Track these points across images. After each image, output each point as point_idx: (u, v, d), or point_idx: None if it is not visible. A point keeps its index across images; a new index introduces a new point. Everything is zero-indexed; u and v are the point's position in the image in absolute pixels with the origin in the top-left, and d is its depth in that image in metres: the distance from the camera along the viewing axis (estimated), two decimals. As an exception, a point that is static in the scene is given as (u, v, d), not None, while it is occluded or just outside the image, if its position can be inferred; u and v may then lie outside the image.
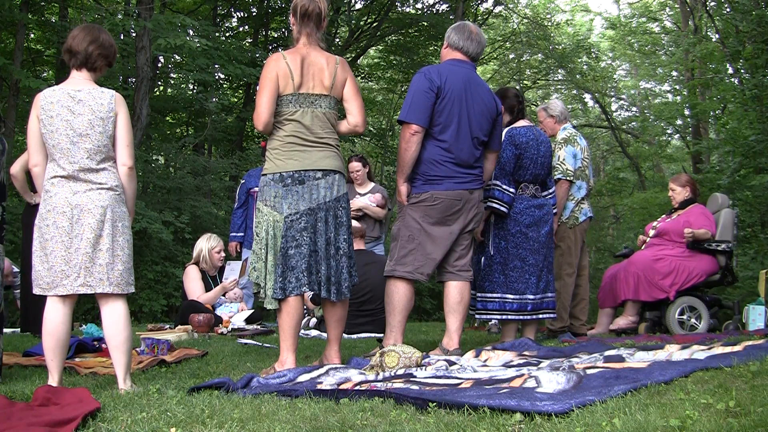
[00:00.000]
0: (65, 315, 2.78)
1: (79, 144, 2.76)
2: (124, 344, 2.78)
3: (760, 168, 9.33)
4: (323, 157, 3.27)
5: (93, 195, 2.76)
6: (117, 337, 2.78)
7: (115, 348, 2.78)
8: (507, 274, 4.14)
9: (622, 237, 17.64)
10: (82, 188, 2.76)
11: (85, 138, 2.77)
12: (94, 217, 2.73)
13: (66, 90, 2.82)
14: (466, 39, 3.80)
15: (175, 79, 14.19)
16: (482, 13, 16.80)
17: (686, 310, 5.15)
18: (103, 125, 2.79)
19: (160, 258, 9.40)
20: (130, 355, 2.83)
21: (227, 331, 5.41)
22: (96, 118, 2.78)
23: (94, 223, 2.73)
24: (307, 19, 3.32)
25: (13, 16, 9.12)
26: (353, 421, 2.11)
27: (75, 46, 2.87)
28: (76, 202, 2.74)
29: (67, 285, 2.73)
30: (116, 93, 2.88)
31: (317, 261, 3.23)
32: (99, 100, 2.81)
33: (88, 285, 2.73)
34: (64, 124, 2.76)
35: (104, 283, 2.74)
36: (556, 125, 5.17)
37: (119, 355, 2.78)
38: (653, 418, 1.94)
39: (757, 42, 9.54)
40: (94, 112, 2.79)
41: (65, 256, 2.73)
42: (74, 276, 2.73)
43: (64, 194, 2.75)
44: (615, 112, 21.69)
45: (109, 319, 2.80)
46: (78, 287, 2.73)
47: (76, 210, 2.73)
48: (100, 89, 2.86)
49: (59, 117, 2.77)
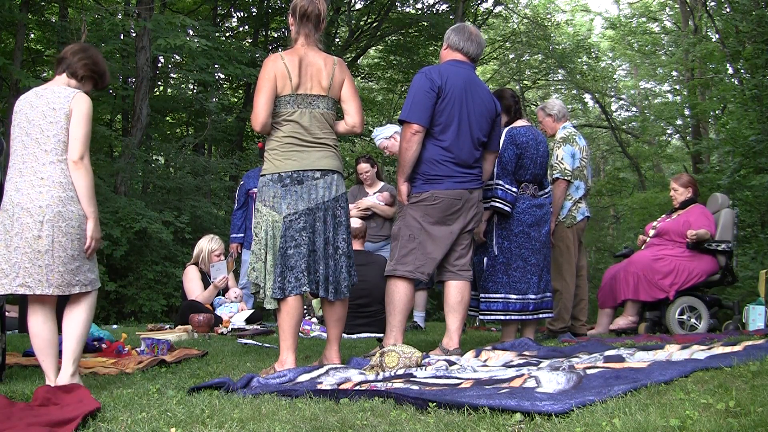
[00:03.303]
0: (45, 315, 2.76)
1: (32, 135, 2.75)
2: (75, 342, 2.77)
3: (760, 168, 9.34)
4: (321, 157, 3.27)
5: (33, 194, 2.70)
6: (68, 336, 2.77)
7: (64, 341, 2.77)
8: (510, 274, 4.15)
9: (622, 237, 17.66)
10: (25, 186, 2.71)
11: (35, 127, 2.75)
12: (32, 216, 2.68)
13: (36, 89, 2.86)
14: (466, 40, 3.80)
15: (175, 79, 14.20)
16: (482, 13, 16.81)
17: (686, 310, 5.14)
18: (54, 115, 2.75)
19: (160, 258, 9.40)
20: (80, 350, 2.79)
21: (227, 331, 5.41)
22: (49, 110, 2.76)
23: (32, 222, 2.68)
24: (305, 20, 3.32)
25: (13, 16, 9.11)
26: (353, 421, 2.11)
27: (64, 54, 2.94)
28: (18, 200, 2.70)
29: (6, 284, 2.69)
30: (80, 92, 2.84)
31: (316, 261, 3.23)
32: (57, 94, 2.80)
33: (26, 285, 2.68)
34: (23, 118, 2.79)
35: (43, 285, 2.68)
36: (555, 124, 5.15)
37: (67, 346, 2.76)
38: (653, 418, 1.94)
39: (757, 42, 9.54)
40: (49, 103, 2.77)
41: (5, 254, 2.69)
42: (13, 275, 2.68)
43: (9, 191, 2.73)
44: (615, 112, 21.72)
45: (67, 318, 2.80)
46: (17, 287, 2.68)
47: (17, 208, 2.70)
48: (64, 87, 2.85)
49: (21, 112, 2.80)
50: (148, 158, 11.09)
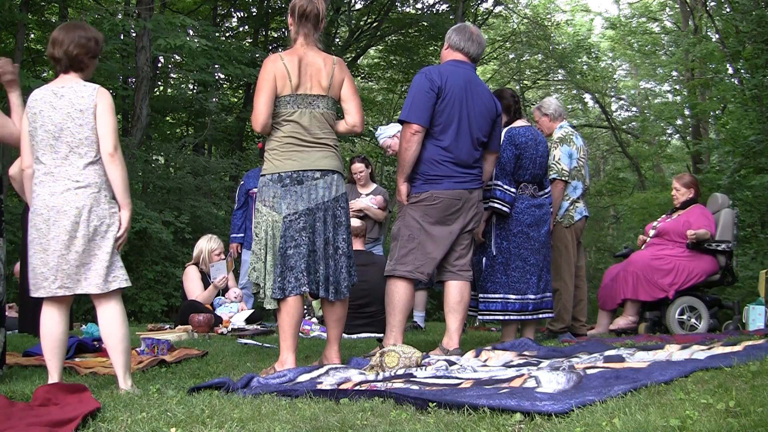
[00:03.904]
0: (60, 315, 2.77)
1: (61, 138, 2.74)
2: (121, 344, 2.76)
3: (760, 168, 9.34)
4: (321, 157, 3.27)
5: (69, 196, 2.71)
6: (112, 336, 2.77)
7: (111, 348, 2.77)
8: (509, 275, 4.15)
9: (622, 237, 17.63)
10: (59, 189, 2.72)
11: (66, 131, 2.74)
12: (68, 218, 2.70)
13: (50, 88, 2.82)
14: (467, 40, 3.80)
15: (175, 79, 14.20)
16: (482, 13, 16.82)
17: (686, 310, 5.14)
18: (83, 117, 2.75)
19: (160, 258, 9.40)
20: (129, 354, 2.81)
21: (227, 331, 5.41)
22: (75, 110, 2.75)
23: (68, 224, 2.69)
24: (305, 20, 3.32)
25: (13, 16, 9.12)
26: (353, 421, 2.11)
27: (56, 53, 2.85)
28: (53, 204, 2.71)
29: (46, 287, 2.72)
30: (100, 86, 2.84)
31: (316, 261, 3.23)
32: (79, 94, 2.78)
33: (66, 287, 2.71)
34: (46, 120, 2.76)
35: (82, 284, 2.72)
36: (551, 123, 5.13)
37: (116, 355, 2.77)
38: (653, 418, 1.94)
39: (757, 42, 9.55)
40: (74, 104, 2.76)
41: (43, 258, 2.71)
42: (52, 278, 2.71)
43: (43, 196, 2.73)
44: (615, 112, 21.71)
45: (103, 318, 2.79)
46: (56, 289, 2.71)
47: (52, 212, 2.71)
48: (83, 83, 2.83)
49: (42, 114, 2.77)
50: (148, 158, 11.09)
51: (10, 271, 6.39)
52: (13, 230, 7.44)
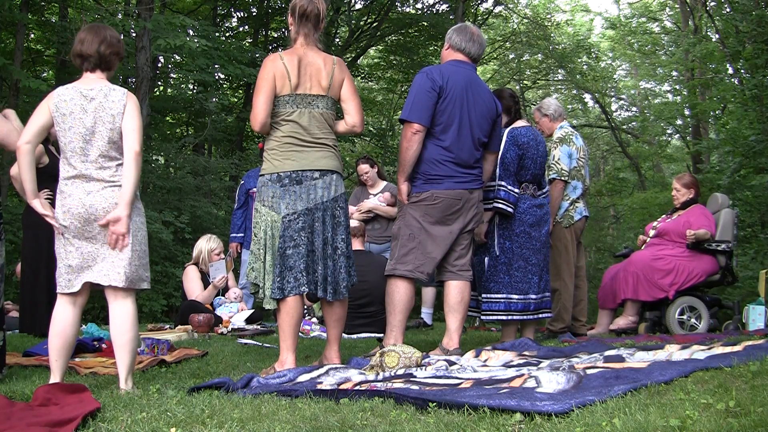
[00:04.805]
0: (74, 316, 2.79)
1: (92, 142, 2.77)
2: (129, 344, 2.77)
3: (760, 168, 9.34)
4: (321, 158, 3.27)
5: (107, 193, 2.76)
6: (122, 336, 2.78)
7: (119, 347, 2.78)
8: (511, 275, 4.15)
9: (622, 237, 17.64)
10: (95, 188, 2.76)
11: (97, 135, 2.77)
12: (106, 214, 2.74)
13: (79, 89, 2.83)
14: (468, 40, 3.80)
15: (175, 79, 14.20)
16: (482, 13, 16.82)
17: (686, 310, 5.14)
18: (114, 122, 2.79)
19: (160, 258, 9.41)
20: (135, 356, 2.82)
21: (227, 331, 5.41)
22: (108, 116, 2.78)
23: (104, 220, 2.73)
24: (305, 20, 3.32)
25: (13, 16, 9.12)
26: (353, 421, 2.11)
27: (86, 50, 2.86)
28: (90, 202, 2.74)
29: (73, 280, 2.76)
30: (127, 90, 2.88)
31: (314, 261, 3.23)
32: (110, 99, 2.81)
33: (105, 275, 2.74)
34: (77, 123, 2.77)
35: (117, 277, 2.74)
36: (551, 124, 5.14)
37: (123, 354, 2.77)
38: (653, 418, 1.94)
39: (757, 42, 9.55)
40: (106, 109, 2.79)
41: (79, 256, 2.75)
42: (87, 269, 2.75)
43: (78, 194, 2.75)
44: (615, 112, 21.72)
45: (116, 317, 2.79)
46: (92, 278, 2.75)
47: (91, 209, 2.74)
48: (112, 87, 2.86)
49: (72, 115, 2.78)
50: (148, 158, 11.09)
51: (10, 271, 6.39)
52: (13, 230, 7.45)
